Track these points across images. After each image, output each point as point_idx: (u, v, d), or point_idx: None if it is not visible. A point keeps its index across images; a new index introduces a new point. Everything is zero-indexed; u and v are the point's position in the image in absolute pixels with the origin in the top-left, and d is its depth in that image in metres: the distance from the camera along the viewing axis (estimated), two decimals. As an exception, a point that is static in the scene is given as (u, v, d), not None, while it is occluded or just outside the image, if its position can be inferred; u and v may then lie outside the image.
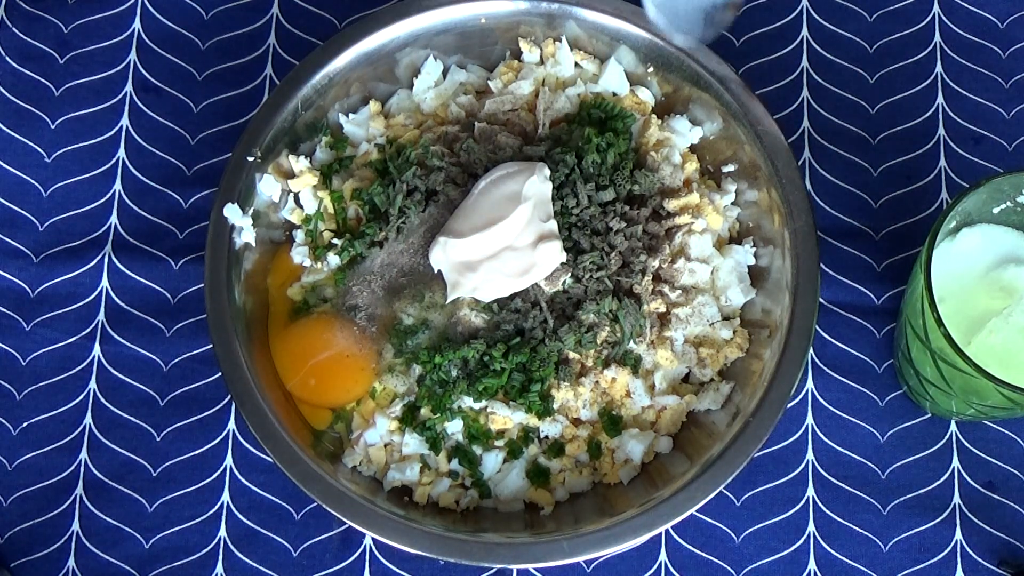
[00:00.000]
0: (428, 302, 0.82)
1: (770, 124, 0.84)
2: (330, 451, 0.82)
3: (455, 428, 0.81)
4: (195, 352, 0.90)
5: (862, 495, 0.87)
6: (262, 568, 0.86)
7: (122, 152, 0.94)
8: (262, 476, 0.88)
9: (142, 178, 0.94)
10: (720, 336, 0.84)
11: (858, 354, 0.90)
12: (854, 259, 0.91)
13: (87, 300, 0.91)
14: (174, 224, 0.93)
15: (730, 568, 0.86)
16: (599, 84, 0.88)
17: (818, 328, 0.88)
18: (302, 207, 0.86)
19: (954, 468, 0.87)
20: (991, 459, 0.87)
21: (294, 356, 0.82)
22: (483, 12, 0.87)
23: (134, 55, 0.96)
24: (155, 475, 0.88)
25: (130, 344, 0.90)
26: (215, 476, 0.88)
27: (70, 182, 0.94)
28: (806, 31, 0.96)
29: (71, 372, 0.90)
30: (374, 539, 0.85)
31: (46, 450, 0.88)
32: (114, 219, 0.93)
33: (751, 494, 0.87)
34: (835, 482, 0.87)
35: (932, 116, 0.94)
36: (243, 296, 0.82)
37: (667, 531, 0.86)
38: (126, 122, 0.95)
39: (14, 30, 0.97)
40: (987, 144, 0.93)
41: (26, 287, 0.91)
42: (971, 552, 0.86)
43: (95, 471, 0.88)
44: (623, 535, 0.77)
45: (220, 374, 0.79)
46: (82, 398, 0.89)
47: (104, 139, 0.94)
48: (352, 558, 0.86)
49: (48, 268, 0.91)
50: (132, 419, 0.89)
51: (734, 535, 0.86)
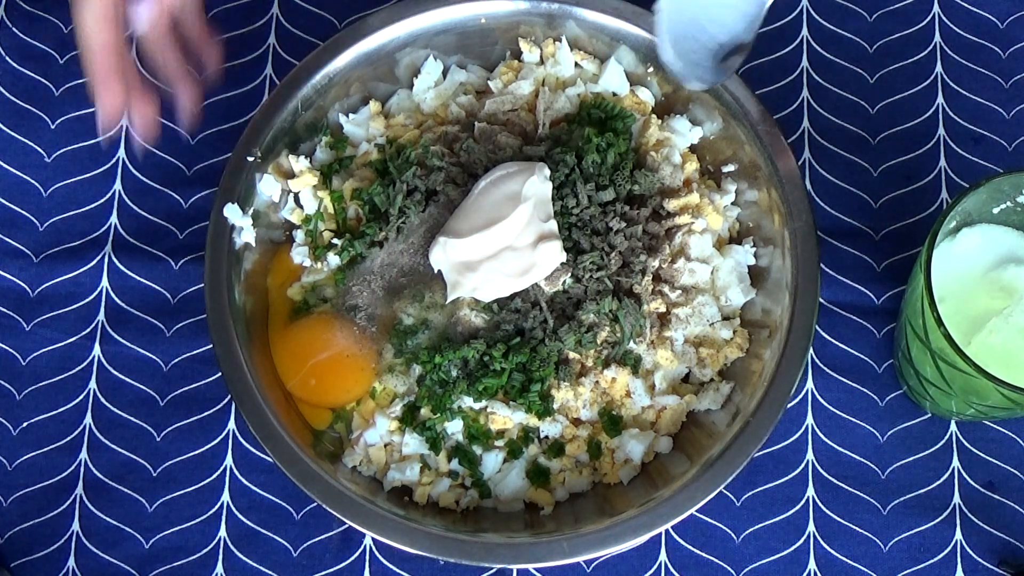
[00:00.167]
0: (428, 302, 0.82)
1: (770, 124, 0.84)
2: (330, 451, 0.82)
3: (455, 428, 0.81)
4: (195, 352, 0.90)
5: (862, 495, 0.87)
6: (262, 568, 0.86)
7: (122, 152, 0.94)
8: (262, 476, 0.88)
9: (142, 178, 0.94)
10: (720, 336, 0.84)
11: (858, 354, 0.90)
12: (854, 259, 0.91)
13: (87, 300, 0.91)
14: (174, 224, 0.93)
15: (730, 568, 0.86)
16: (599, 84, 0.88)
17: (818, 328, 0.88)
18: (302, 207, 0.86)
19: (954, 468, 0.87)
20: (991, 459, 0.87)
21: (294, 356, 0.82)
22: (483, 12, 0.87)
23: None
24: (155, 475, 0.88)
25: (130, 344, 0.90)
26: (215, 476, 0.88)
27: (70, 182, 0.94)
28: (806, 31, 0.96)
29: (71, 372, 0.90)
30: (374, 539, 0.85)
31: (46, 450, 0.88)
32: (114, 219, 0.93)
33: (751, 494, 0.87)
34: (835, 482, 0.87)
35: (932, 116, 0.94)
36: (243, 296, 0.82)
37: (667, 531, 0.86)
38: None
39: (14, 30, 0.97)
40: (987, 144, 0.93)
41: (26, 287, 0.91)
42: (971, 552, 0.86)
43: (95, 471, 0.88)
44: (623, 535, 0.77)
45: (220, 374, 0.79)
46: (82, 398, 0.89)
47: (104, 139, 0.94)
48: (352, 558, 0.86)
49: (48, 268, 0.91)
50: (132, 419, 0.89)
51: (734, 535, 0.86)
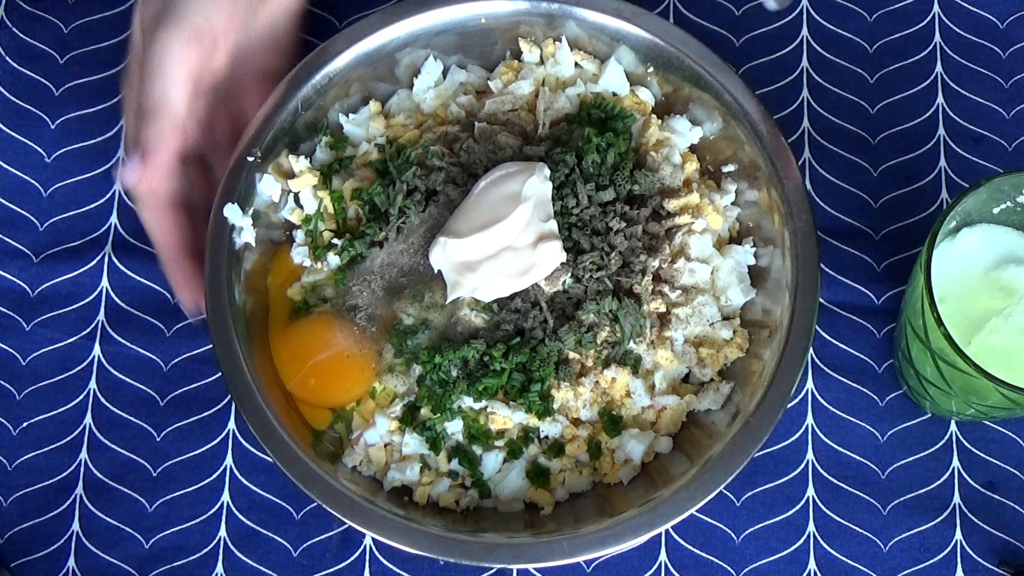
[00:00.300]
0: (428, 302, 0.82)
1: (770, 124, 0.84)
2: (330, 451, 0.82)
3: (455, 428, 0.81)
4: (195, 352, 0.90)
5: (862, 495, 0.87)
6: (262, 568, 0.86)
7: (122, 152, 0.94)
8: (262, 476, 0.88)
9: (142, 178, 0.94)
10: (720, 336, 0.84)
11: (858, 354, 0.90)
12: (854, 259, 0.91)
13: (87, 300, 0.91)
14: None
15: (730, 568, 0.86)
16: (599, 84, 0.88)
17: (818, 328, 0.88)
18: (302, 207, 0.86)
19: (954, 468, 0.87)
20: (991, 459, 0.87)
21: (294, 356, 0.82)
22: (483, 12, 0.87)
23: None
24: (155, 475, 0.88)
25: (130, 344, 0.90)
26: (215, 476, 0.88)
27: (70, 182, 0.93)
28: (806, 31, 0.96)
29: (71, 372, 0.90)
30: (374, 539, 0.85)
31: (46, 450, 0.88)
32: (114, 219, 0.93)
33: (751, 494, 0.87)
34: (835, 482, 0.87)
35: (932, 116, 0.94)
36: (243, 296, 0.82)
37: (667, 531, 0.86)
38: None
39: (14, 30, 0.97)
40: (987, 144, 0.93)
41: (26, 287, 0.91)
42: (971, 552, 0.86)
43: (95, 471, 0.88)
44: (623, 535, 0.76)
45: (220, 374, 0.79)
46: (82, 398, 0.89)
47: (104, 139, 0.94)
48: (352, 558, 0.86)
49: (48, 268, 0.91)
50: (132, 419, 0.89)
51: (734, 535, 0.86)
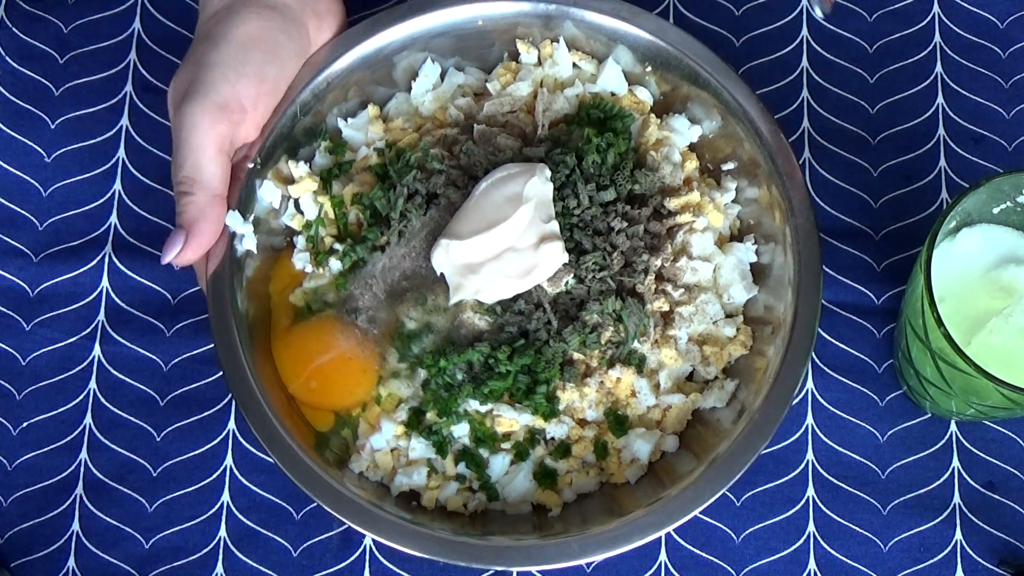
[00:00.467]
0: (431, 305, 0.82)
1: (768, 120, 0.83)
2: (337, 457, 0.81)
3: (461, 431, 0.81)
4: (195, 352, 0.90)
5: (862, 495, 0.87)
6: (262, 568, 0.86)
7: (122, 152, 0.94)
8: (262, 476, 0.88)
9: (142, 178, 0.94)
10: (724, 334, 0.84)
11: (858, 354, 0.90)
12: (854, 259, 0.91)
13: (87, 300, 0.91)
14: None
15: (730, 568, 0.86)
16: (597, 84, 0.88)
17: (818, 328, 0.88)
18: (302, 213, 0.85)
19: (954, 468, 0.87)
20: (991, 459, 0.87)
21: (296, 359, 0.82)
22: (480, 14, 0.86)
23: (134, 55, 0.96)
24: (155, 475, 0.88)
25: (130, 344, 0.90)
26: (215, 476, 0.87)
27: (70, 182, 0.93)
28: (806, 31, 0.96)
29: (71, 372, 0.90)
30: (375, 540, 0.85)
31: (46, 450, 0.88)
32: (114, 219, 0.93)
33: (751, 494, 0.87)
34: (835, 482, 0.87)
35: (932, 116, 0.94)
36: (245, 303, 0.81)
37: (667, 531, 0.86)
38: (126, 122, 0.95)
39: (14, 30, 0.97)
40: (987, 144, 0.94)
41: (26, 287, 0.91)
42: (971, 552, 0.86)
43: (95, 471, 0.88)
44: (632, 535, 0.76)
45: (220, 374, 0.79)
46: (82, 398, 0.89)
47: (104, 139, 0.94)
48: (352, 558, 0.86)
49: (48, 268, 0.91)
50: (132, 419, 0.89)
51: (734, 535, 0.86)
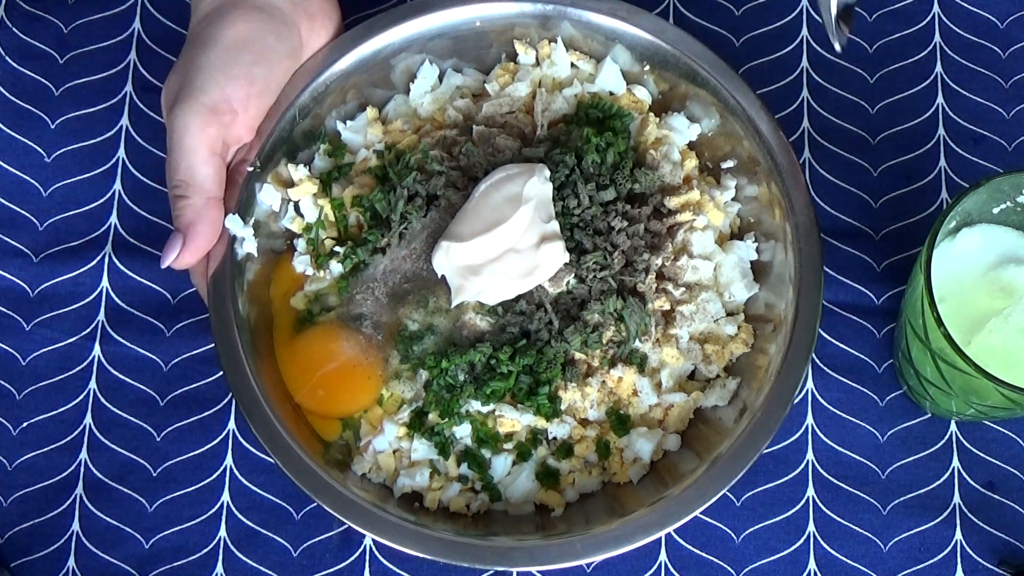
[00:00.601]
0: (433, 307, 0.82)
1: (766, 117, 0.83)
2: (339, 459, 0.81)
3: (463, 432, 0.81)
4: (195, 352, 0.90)
5: (862, 495, 0.87)
6: (262, 568, 0.86)
7: (122, 152, 0.94)
8: (262, 476, 0.87)
9: (142, 178, 0.94)
10: (725, 332, 0.84)
11: (858, 354, 0.90)
12: (854, 259, 0.91)
13: (87, 300, 0.91)
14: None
15: (730, 568, 0.86)
16: (596, 84, 0.88)
17: (818, 328, 0.88)
18: (302, 216, 0.85)
19: (954, 468, 0.87)
20: (991, 459, 0.87)
21: (301, 368, 0.82)
22: (478, 15, 0.86)
23: (134, 55, 0.96)
24: (155, 475, 0.88)
25: (130, 344, 0.90)
26: (215, 476, 0.87)
27: (70, 182, 0.93)
28: (806, 31, 0.96)
29: (71, 372, 0.90)
30: (375, 540, 0.85)
31: (46, 450, 0.88)
32: (114, 219, 0.93)
33: (751, 494, 0.87)
34: (835, 482, 0.87)
35: (932, 116, 0.94)
36: (247, 307, 0.81)
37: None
38: (126, 122, 0.95)
39: (14, 30, 0.97)
40: (987, 144, 0.93)
41: (26, 287, 0.91)
42: (971, 552, 0.86)
43: (95, 471, 0.88)
44: (635, 534, 0.76)
45: (220, 374, 0.79)
46: (82, 398, 0.89)
47: (104, 139, 0.94)
48: (352, 558, 0.86)
49: (48, 268, 0.91)
50: (132, 419, 0.89)
51: (734, 535, 0.86)
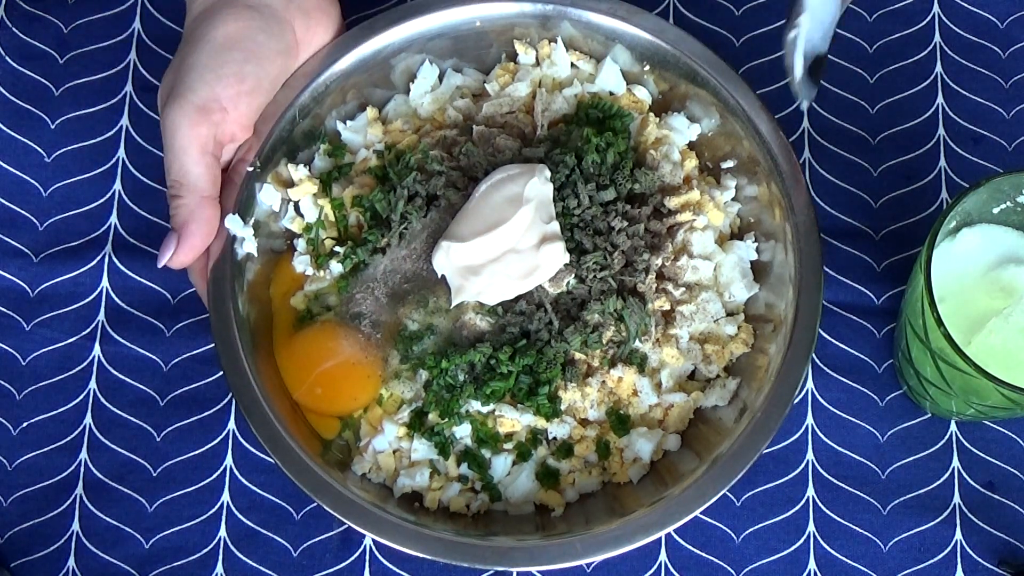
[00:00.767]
0: (432, 307, 0.82)
1: (766, 117, 0.83)
2: (339, 459, 0.81)
3: (463, 432, 0.81)
4: (195, 352, 0.90)
5: (862, 495, 0.87)
6: (262, 568, 0.86)
7: (122, 152, 0.94)
8: (262, 476, 0.87)
9: (142, 178, 0.94)
10: (725, 332, 0.84)
11: (858, 354, 0.90)
12: (854, 259, 0.91)
13: (87, 300, 0.91)
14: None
15: (730, 568, 0.86)
16: (596, 84, 0.88)
17: (818, 328, 0.88)
18: (302, 216, 0.85)
19: (954, 468, 0.87)
20: (991, 459, 0.87)
21: (300, 366, 0.82)
22: (478, 15, 0.86)
23: (134, 55, 0.96)
24: (155, 475, 0.88)
25: (130, 344, 0.90)
26: (215, 476, 0.87)
27: (70, 182, 0.93)
28: (806, 31, 0.96)
29: (71, 372, 0.90)
30: (375, 540, 0.85)
31: (46, 450, 0.88)
32: (114, 219, 0.93)
33: (751, 494, 0.87)
34: (835, 482, 0.87)
35: (932, 116, 0.94)
36: (247, 307, 0.81)
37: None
38: (126, 122, 0.95)
39: (14, 30, 0.97)
40: (987, 144, 0.94)
41: (26, 287, 0.91)
42: (971, 552, 0.86)
43: (95, 471, 0.88)
44: (635, 534, 0.76)
45: (220, 374, 0.79)
46: (82, 398, 0.89)
47: (104, 139, 0.94)
48: (352, 558, 0.86)
49: (48, 268, 0.91)
50: (132, 419, 0.89)
51: (734, 535, 0.86)
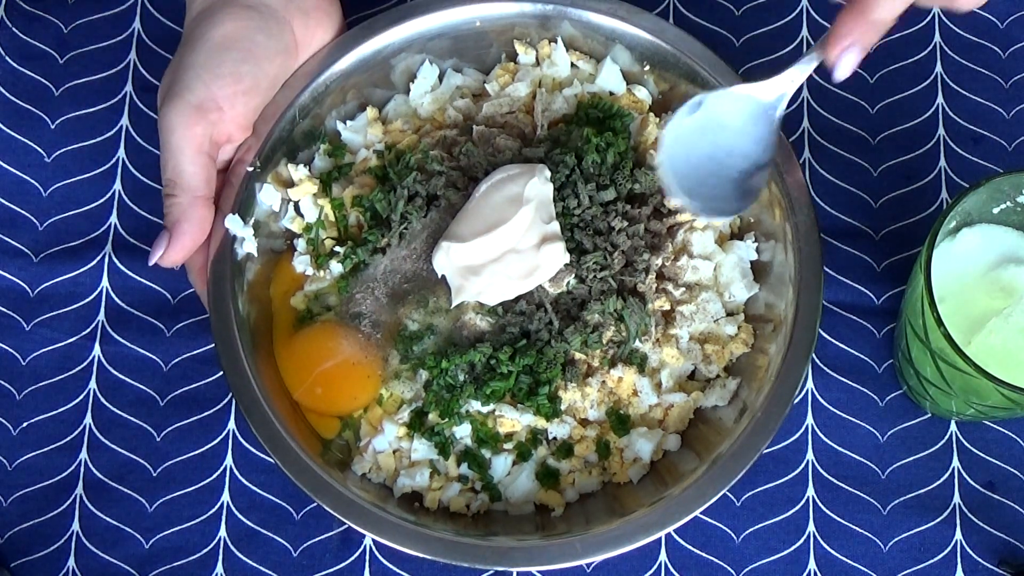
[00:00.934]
0: (433, 307, 0.82)
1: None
2: (339, 459, 0.81)
3: (463, 432, 0.81)
4: (195, 352, 0.90)
5: (862, 495, 0.87)
6: (262, 568, 0.86)
7: (122, 152, 0.94)
8: (262, 476, 0.88)
9: (142, 178, 0.94)
10: (725, 332, 0.84)
11: (858, 354, 0.90)
12: (854, 259, 0.91)
13: (87, 300, 0.91)
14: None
15: (730, 568, 0.86)
16: (596, 84, 0.88)
17: (818, 328, 0.88)
18: (302, 216, 0.85)
19: (954, 468, 0.87)
20: (991, 459, 0.87)
21: (300, 366, 0.82)
22: (478, 15, 0.86)
23: (134, 55, 0.96)
24: (155, 475, 0.88)
25: (130, 344, 0.90)
26: (215, 476, 0.87)
27: (70, 182, 0.93)
28: (806, 31, 0.96)
29: (71, 372, 0.90)
30: (375, 540, 0.85)
31: (46, 450, 0.88)
32: (114, 219, 0.93)
33: (751, 494, 0.87)
34: (835, 482, 0.87)
35: (932, 116, 0.94)
36: (247, 307, 0.81)
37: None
38: (126, 122, 0.95)
39: (14, 30, 0.97)
40: (987, 144, 0.93)
41: (26, 287, 0.91)
42: (971, 552, 0.86)
43: (95, 471, 0.88)
44: (635, 534, 0.76)
45: (220, 374, 0.79)
46: (82, 398, 0.89)
47: (104, 139, 0.94)
48: (352, 558, 0.86)
49: (48, 268, 0.91)
50: (132, 419, 0.89)
51: (734, 535, 0.86)
